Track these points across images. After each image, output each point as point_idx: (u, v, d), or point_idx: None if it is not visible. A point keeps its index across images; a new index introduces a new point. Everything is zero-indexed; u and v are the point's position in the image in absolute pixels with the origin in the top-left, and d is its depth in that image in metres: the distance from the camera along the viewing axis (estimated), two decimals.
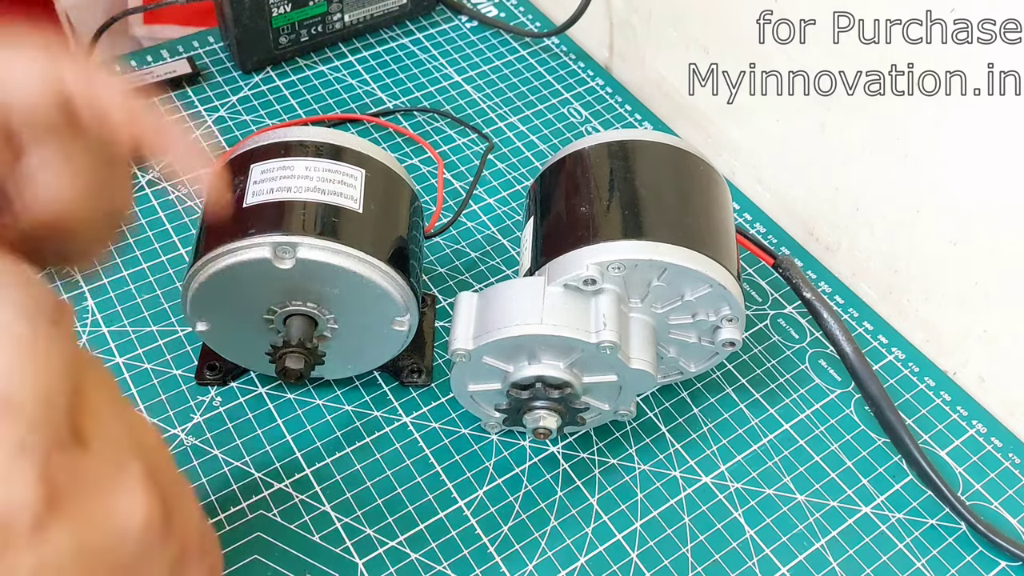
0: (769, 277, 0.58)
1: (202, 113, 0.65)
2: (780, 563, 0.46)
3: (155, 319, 0.54)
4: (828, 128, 0.55)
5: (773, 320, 0.56)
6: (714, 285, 0.43)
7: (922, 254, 0.54)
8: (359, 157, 0.46)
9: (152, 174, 0.56)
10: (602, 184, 0.45)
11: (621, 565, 0.46)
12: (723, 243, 0.45)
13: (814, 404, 0.52)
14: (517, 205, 0.61)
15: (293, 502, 0.47)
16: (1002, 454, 0.51)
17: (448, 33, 0.73)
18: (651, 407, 0.52)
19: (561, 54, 0.72)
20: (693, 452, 0.50)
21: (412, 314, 0.46)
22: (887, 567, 0.46)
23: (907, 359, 0.55)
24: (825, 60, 0.52)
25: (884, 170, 0.53)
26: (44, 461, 0.22)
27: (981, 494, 0.49)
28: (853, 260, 0.58)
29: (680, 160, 0.47)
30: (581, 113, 0.68)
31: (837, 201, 0.57)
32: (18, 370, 0.22)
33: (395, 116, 0.67)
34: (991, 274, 0.50)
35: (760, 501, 0.48)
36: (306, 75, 0.69)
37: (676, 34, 0.64)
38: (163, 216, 0.59)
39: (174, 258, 0.57)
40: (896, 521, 0.48)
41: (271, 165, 0.45)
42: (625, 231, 0.43)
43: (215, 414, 0.50)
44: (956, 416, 0.52)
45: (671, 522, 0.47)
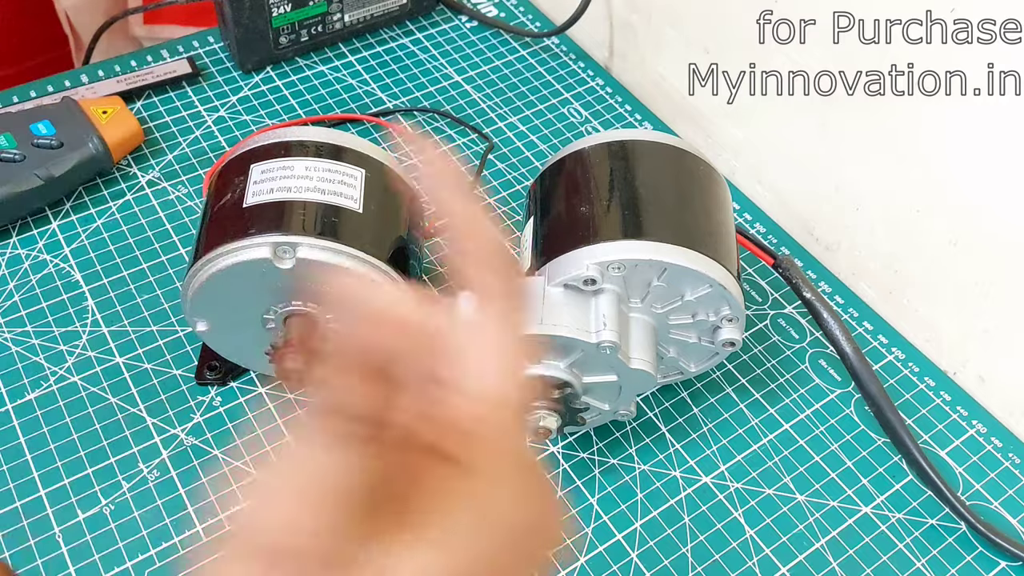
0: (769, 277, 0.58)
1: (202, 113, 0.65)
2: (780, 563, 0.46)
3: (155, 319, 0.54)
4: (828, 128, 0.55)
5: (773, 320, 0.56)
6: (714, 285, 0.43)
7: (922, 254, 0.54)
8: (359, 157, 0.46)
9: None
10: (602, 184, 0.45)
11: (621, 565, 0.46)
12: (723, 243, 0.45)
13: (814, 404, 0.52)
14: (517, 205, 0.61)
15: None
16: (1002, 454, 0.51)
17: (448, 33, 0.73)
18: (651, 407, 0.52)
19: (561, 54, 0.72)
20: (693, 452, 0.50)
21: None
22: (887, 567, 0.46)
23: (907, 359, 0.55)
24: (825, 60, 0.52)
25: (884, 170, 0.53)
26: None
27: (981, 494, 0.49)
28: (853, 260, 0.58)
29: (680, 160, 0.47)
30: (581, 113, 0.68)
31: (837, 201, 0.57)
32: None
33: (395, 116, 0.67)
34: (991, 274, 0.50)
35: (760, 501, 0.48)
36: (306, 75, 0.69)
37: (676, 34, 0.64)
38: (163, 216, 0.59)
39: (174, 258, 0.57)
40: (896, 521, 0.48)
41: (271, 165, 0.45)
42: (625, 231, 0.43)
43: (215, 414, 0.50)
44: (956, 416, 0.52)
45: (671, 522, 0.47)
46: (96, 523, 0.45)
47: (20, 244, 0.57)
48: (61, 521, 0.45)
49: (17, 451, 0.48)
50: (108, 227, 0.58)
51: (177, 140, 0.64)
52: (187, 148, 0.63)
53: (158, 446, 0.48)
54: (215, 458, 0.48)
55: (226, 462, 0.48)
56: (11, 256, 0.56)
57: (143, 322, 0.53)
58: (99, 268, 0.56)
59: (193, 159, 0.63)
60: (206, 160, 0.63)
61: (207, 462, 0.48)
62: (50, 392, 0.50)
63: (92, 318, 0.53)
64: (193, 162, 0.62)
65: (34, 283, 0.55)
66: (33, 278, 0.55)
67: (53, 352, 0.52)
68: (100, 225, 0.58)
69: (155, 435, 0.49)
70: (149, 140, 0.63)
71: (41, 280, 0.55)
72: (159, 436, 0.49)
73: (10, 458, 0.47)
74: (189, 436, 0.49)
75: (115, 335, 0.53)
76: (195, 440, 0.49)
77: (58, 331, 0.53)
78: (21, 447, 0.48)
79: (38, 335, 0.53)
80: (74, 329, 0.53)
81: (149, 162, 0.62)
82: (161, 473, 0.47)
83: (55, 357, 0.52)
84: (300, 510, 0.21)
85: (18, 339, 0.52)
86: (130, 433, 0.49)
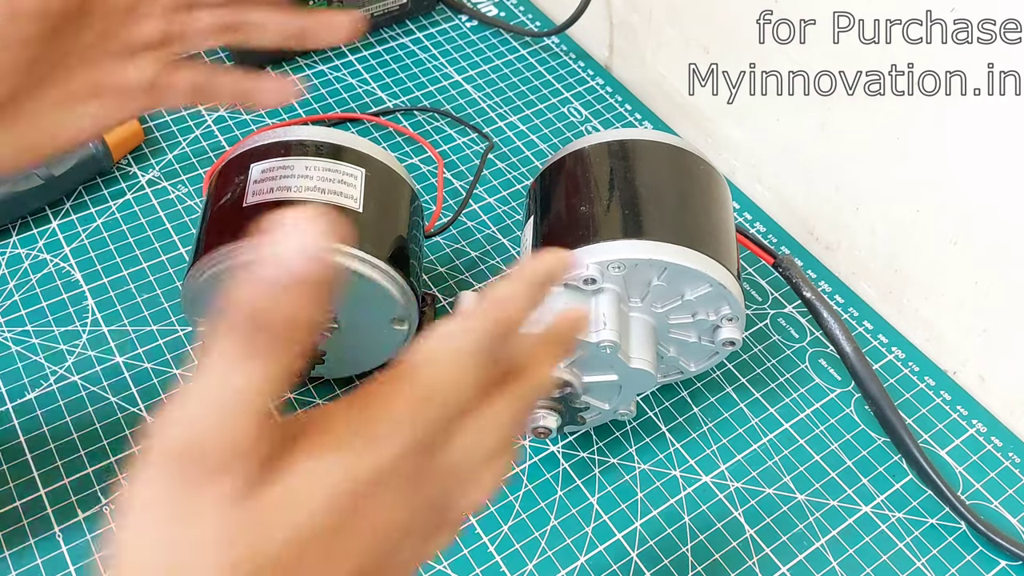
0: (769, 276, 0.58)
1: (202, 112, 0.65)
2: (780, 563, 0.46)
3: (155, 319, 0.54)
4: (828, 128, 0.55)
5: (773, 319, 0.56)
6: (714, 284, 0.43)
7: (922, 254, 0.54)
8: (359, 156, 0.46)
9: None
10: (602, 183, 0.45)
11: (621, 565, 0.46)
12: (723, 242, 0.45)
13: (814, 403, 0.52)
14: (517, 205, 0.61)
15: None
16: (1002, 453, 0.51)
17: (448, 32, 0.73)
18: (651, 406, 0.52)
19: (561, 53, 0.72)
20: (693, 451, 0.50)
21: (412, 314, 0.46)
22: (887, 566, 0.46)
23: (907, 358, 0.55)
24: (825, 60, 0.52)
25: (884, 170, 0.53)
26: None
27: (981, 493, 0.49)
28: (853, 259, 0.58)
29: (680, 159, 0.47)
30: (581, 113, 0.68)
31: (837, 201, 0.57)
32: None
33: (395, 116, 0.67)
34: (991, 274, 0.50)
35: (760, 500, 0.48)
36: (306, 75, 0.69)
37: (676, 34, 0.64)
38: (163, 216, 0.59)
39: (174, 258, 0.57)
40: (896, 520, 0.48)
41: (271, 165, 0.45)
42: (625, 230, 0.43)
43: None
44: (956, 415, 0.52)
45: (671, 522, 0.47)
46: (96, 523, 0.45)
47: (20, 244, 0.57)
48: (61, 521, 0.45)
49: (17, 451, 0.48)
50: (108, 227, 0.58)
51: (177, 139, 0.64)
52: (187, 147, 0.63)
53: None
54: None
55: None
56: (11, 256, 0.56)
57: (143, 322, 0.53)
58: (99, 268, 0.56)
59: (193, 158, 0.63)
60: (206, 159, 0.63)
61: None
62: (50, 392, 0.50)
63: (92, 318, 0.53)
64: (193, 161, 0.62)
65: (34, 283, 0.55)
66: (33, 278, 0.55)
67: (53, 352, 0.52)
68: (100, 225, 0.58)
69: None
70: (149, 139, 0.63)
71: (41, 280, 0.55)
72: None
73: (10, 458, 0.47)
74: None
75: (115, 335, 0.53)
76: None
77: (58, 331, 0.53)
78: (21, 447, 0.48)
79: (38, 335, 0.53)
80: (74, 329, 0.53)
81: (149, 161, 0.62)
82: None
83: (55, 357, 0.52)
84: (207, 414, 0.22)
85: (18, 339, 0.52)
86: (130, 433, 0.49)
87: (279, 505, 0.22)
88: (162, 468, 0.22)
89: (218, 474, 0.22)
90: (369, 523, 0.24)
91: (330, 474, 0.23)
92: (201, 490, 0.22)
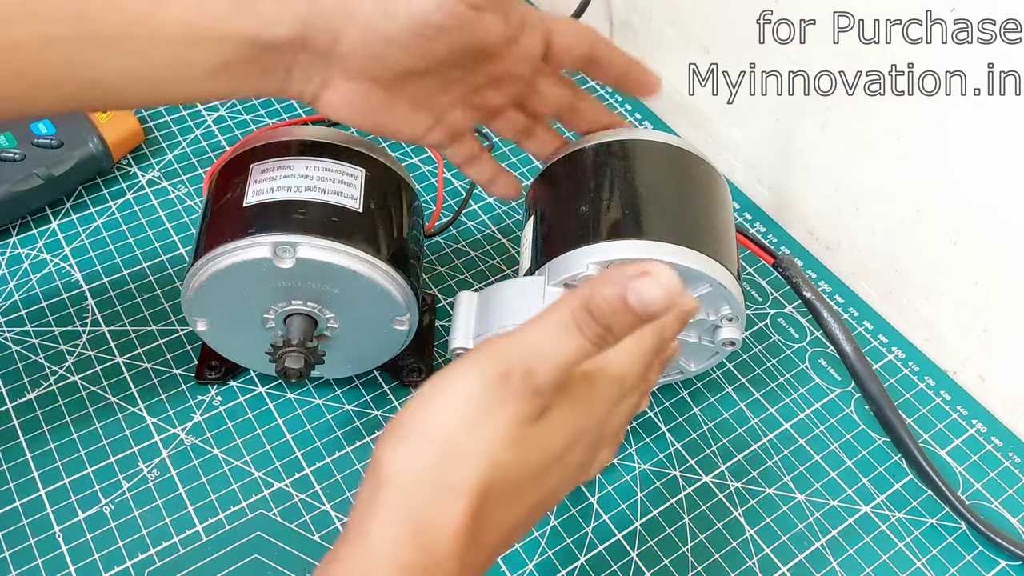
0: (769, 276, 0.58)
1: (202, 112, 0.65)
2: (780, 563, 0.46)
3: (155, 319, 0.54)
4: (828, 128, 0.55)
5: (773, 319, 0.56)
6: (714, 284, 0.43)
7: (922, 254, 0.54)
8: (359, 156, 0.46)
9: None
10: (602, 183, 0.45)
11: (621, 565, 0.46)
12: (723, 242, 0.45)
13: (814, 403, 0.52)
14: (517, 205, 0.61)
15: (293, 501, 0.47)
16: (1002, 453, 0.51)
17: None
18: (651, 407, 0.52)
19: None
20: (693, 451, 0.50)
21: (412, 313, 0.46)
22: (887, 566, 0.46)
23: (907, 358, 0.55)
24: (825, 60, 0.52)
25: (884, 170, 0.53)
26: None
27: (981, 493, 0.49)
28: (853, 259, 0.58)
29: (680, 159, 0.47)
30: None
31: (837, 201, 0.57)
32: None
33: None
34: (991, 274, 0.50)
35: (760, 500, 0.48)
36: None
37: (676, 34, 0.64)
38: (163, 216, 0.59)
39: (174, 258, 0.57)
40: (896, 520, 0.48)
41: (271, 164, 0.45)
42: (625, 230, 0.43)
43: (215, 413, 0.50)
44: (956, 415, 0.52)
45: (671, 522, 0.47)
46: (96, 523, 0.45)
47: (20, 244, 0.57)
48: (61, 521, 0.45)
49: (17, 451, 0.48)
50: (108, 227, 0.58)
51: (177, 139, 0.64)
52: (187, 147, 0.63)
53: (158, 445, 0.48)
54: (215, 457, 0.48)
55: (226, 461, 0.48)
56: (11, 256, 0.56)
57: (143, 322, 0.53)
58: (99, 268, 0.56)
59: (193, 158, 0.63)
60: (206, 159, 0.63)
61: (207, 461, 0.48)
62: (50, 392, 0.50)
63: (92, 318, 0.53)
64: (193, 161, 0.62)
65: (34, 283, 0.55)
66: (33, 278, 0.55)
67: (53, 352, 0.52)
68: (100, 225, 0.58)
69: (155, 434, 0.49)
70: (149, 139, 0.63)
71: (41, 280, 0.55)
72: (159, 435, 0.49)
73: (10, 458, 0.47)
74: (189, 435, 0.49)
75: (115, 335, 0.53)
76: (195, 439, 0.49)
77: (58, 331, 0.53)
78: (21, 447, 0.48)
79: (38, 335, 0.53)
80: (74, 329, 0.53)
81: (149, 161, 0.62)
82: (161, 472, 0.47)
83: (55, 357, 0.52)
84: (541, 356, 0.29)
85: (18, 339, 0.52)
86: (130, 432, 0.49)
87: (540, 438, 0.30)
88: (487, 371, 0.29)
89: (523, 400, 0.29)
90: (564, 465, 0.32)
91: (569, 427, 0.31)
92: (506, 404, 0.29)
